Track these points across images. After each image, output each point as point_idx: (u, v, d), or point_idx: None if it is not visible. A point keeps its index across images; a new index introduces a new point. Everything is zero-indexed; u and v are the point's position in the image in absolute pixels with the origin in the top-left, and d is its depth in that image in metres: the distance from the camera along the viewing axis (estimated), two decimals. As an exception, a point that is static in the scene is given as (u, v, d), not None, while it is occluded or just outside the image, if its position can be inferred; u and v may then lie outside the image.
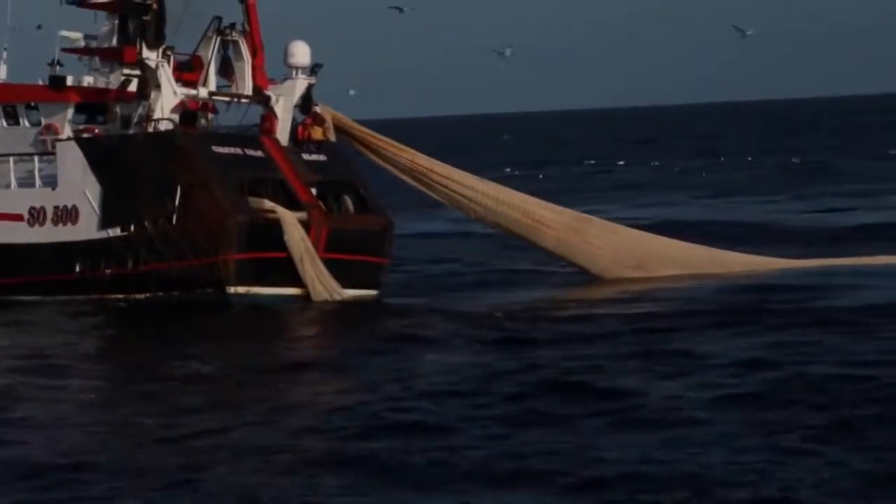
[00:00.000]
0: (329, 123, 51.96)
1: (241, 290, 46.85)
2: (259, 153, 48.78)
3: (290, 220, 47.01)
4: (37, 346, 41.12)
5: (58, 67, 51.53)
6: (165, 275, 47.12)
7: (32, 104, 50.67)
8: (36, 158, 49.56)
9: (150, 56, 48.21)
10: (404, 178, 53.99)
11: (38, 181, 49.32)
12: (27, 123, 50.53)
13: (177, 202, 46.72)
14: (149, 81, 48.31)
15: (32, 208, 48.94)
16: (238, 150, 48.20)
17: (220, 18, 50.20)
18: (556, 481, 23.16)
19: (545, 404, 29.43)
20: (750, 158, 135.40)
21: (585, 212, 58.35)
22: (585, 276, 52.79)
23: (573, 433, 26.74)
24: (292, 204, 47.98)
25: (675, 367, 33.14)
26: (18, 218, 49.23)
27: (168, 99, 48.50)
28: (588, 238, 52.94)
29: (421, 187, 54.00)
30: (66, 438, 28.19)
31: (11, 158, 49.77)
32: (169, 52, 48.87)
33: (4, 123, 50.84)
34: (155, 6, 48.46)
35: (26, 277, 48.72)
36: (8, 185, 49.81)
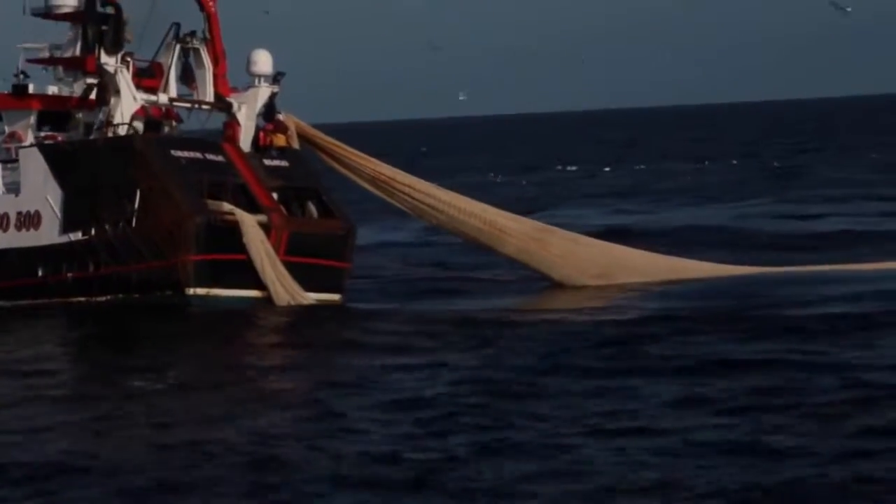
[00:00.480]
0: (292, 131, 52.75)
1: (201, 291, 47.35)
2: (219, 158, 49.48)
3: (250, 223, 47.63)
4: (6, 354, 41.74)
5: (22, 77, 52.56)
6: (126, 277, 47.70)
7: (-8, 113, 51.73)
8: (0, 166, 50.54)
9: (109, 62, 49.00)
10: (367, 186, 54.81)
11: (1, 188, 50.20)
12: (-10, 132, 51.59)
13: (136, 205, 47.27)
14: (108, 87, 49.13)
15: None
16: (198, 155, 48.85)
17: (178, 25, 51.06)
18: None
19: (499, 408, 30.10)
20: (735, 162, 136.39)
21: (567, 218, 59.34)
22: (546, 284, 53.82)
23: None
24: (252, 207, 48.61)
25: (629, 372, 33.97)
26: None
27: (128, 104, 49.18)
28: (549, 247, 53.74)
29: (384, 196, 54.77)
30: (49, 443, 28.57)
31: (-24, 166, 50.76)
32: (128, 59, 49.62)
33: (-38, 133, 51.88)
34: (113, 13, 49.37)
35: None
36: None
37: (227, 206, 47.82)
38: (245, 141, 51.46)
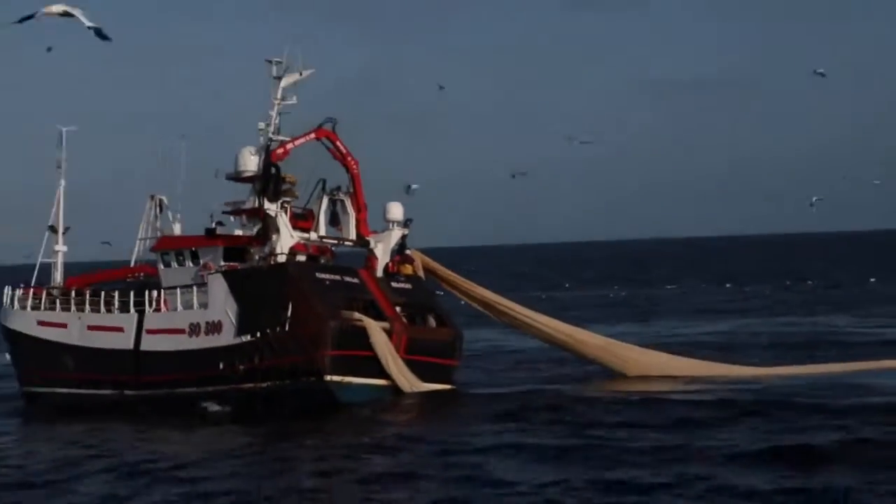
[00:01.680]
0: (417, 263, 67.48)
1: (336, 378, 60.48)
2: (355, 280, 63.91)
3: (374, 327, 61.47)
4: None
5: (217, 226, 68.40)
6: (281, 368, 61.03)
7: (193, 249, 67.55)
8: (195, 288, 65.94)
9: (271, 208, 64.68)
10: (477, 306, 69.62)
11: (195, 304, 65.69)
12: (190, 264, 67.51)
13: (289, 314, 60.91)
14: (270, 227, 64.73)
15: (191, 324, 64.90)
16: (337, 278, 63.35)
17: (324, 181, 66.57)
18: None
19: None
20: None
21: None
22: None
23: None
24: (379, 317, 62.89)
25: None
26: (181, 331, 65.18)
27: (285, 240, 64.41)
28: (615, 352, 68.36)
29: (489, 313, 69.52)
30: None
31: (178, 289, 66.48)
32: (286, 205, 65.20)
33: (175, 264, 67.90)
34: (274, 172, 65.01)
35: (184, 374, 64.47)
36: (175, 309, 66.37)
37: (356, 315, 62.07)
38: (379, 269, 66.32)
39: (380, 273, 65.97)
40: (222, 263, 65.67)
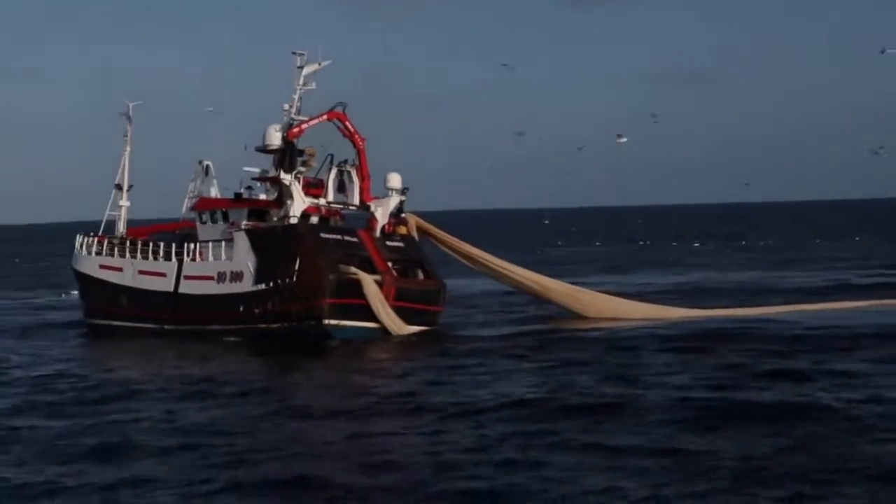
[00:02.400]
0: (411, 224, 79.62)
1: (334, 322, 72.10)
2: (354, 239, 75.98)
3: (367, 279, 73.23)
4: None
5: (247, 190, 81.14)
6: (289, 313, 72.98)
7: (224, 210, 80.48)
8: (223, 243, 78.77)
9: (287, 178, 77.23)
10: (463, 260, 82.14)
11: (223, 256, 78.45)
12: (221, 222, 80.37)
13: (296, 267, 73.09)
14: (285, 194, 77.35)
15: (219, 272, 77.56)
16: (338, 237, 75.55)
17: (332, 155, 79.01)
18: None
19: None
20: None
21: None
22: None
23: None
24: (372, 271, 74.95)
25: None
26: (211, 278, 78.02)
27: (298, 205, 76.87)
28: (576, 297, 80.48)
29: (472, 265, 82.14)
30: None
31: (210, 243, 79.37)
32: (299, 175, 77.68)
33: (209, 222, 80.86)
34: (288, 147, 77.54)
35: (213, 315, 77.43)
36: (207, 260, 79.07)
37: (352, 269, 74.28)
38: (377, 230, 78.76)
39: (378, 233, 78.28)
40: (246, 222, 78.38)
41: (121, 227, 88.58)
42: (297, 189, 77.01)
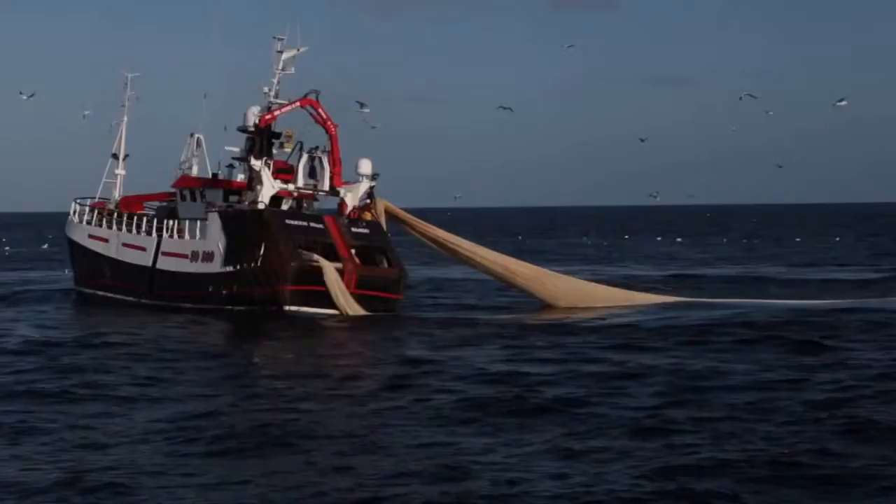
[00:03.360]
0: (378, 210, 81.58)
1: (294, 308, 74.84)
2: (319, 226, 78.03)
3: (327, 267, 75.31)
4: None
5: (227, 169, 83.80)
6: (253, 297, 75.81)
7: (202, 189, 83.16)
8: (199, 222, 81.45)
9: (256, 163, 79.54)
10: (432, 245, 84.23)
11: (197, 235, 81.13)
12: (199, 201, 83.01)
13: (261, 252, 75.70)
14: (254, 179, 79.73)
15: (193, 251, 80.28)
16: (303, 223, 77.82)
17: (301, 143, 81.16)
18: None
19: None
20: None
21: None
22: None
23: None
24: (335, 258, 77.45)
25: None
26: (186, 257, 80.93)
27: (267, 189, 79.33)
28: (544, 283, 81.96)
29: (441, 249, 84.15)
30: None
31: (188, 221, 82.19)
32: (269, 161, 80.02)
33: (189, 199, 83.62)
34: (258, 133, 79.88)
35: (185, 293, 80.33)
36: (184, 237, 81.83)
37: (314, 256, 76.54)
38: (346, 215, 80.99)
39: (344, 219, 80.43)
40: (221, 203, 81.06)
41: (116, 195, 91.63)
42: (266, 174, 79.39)
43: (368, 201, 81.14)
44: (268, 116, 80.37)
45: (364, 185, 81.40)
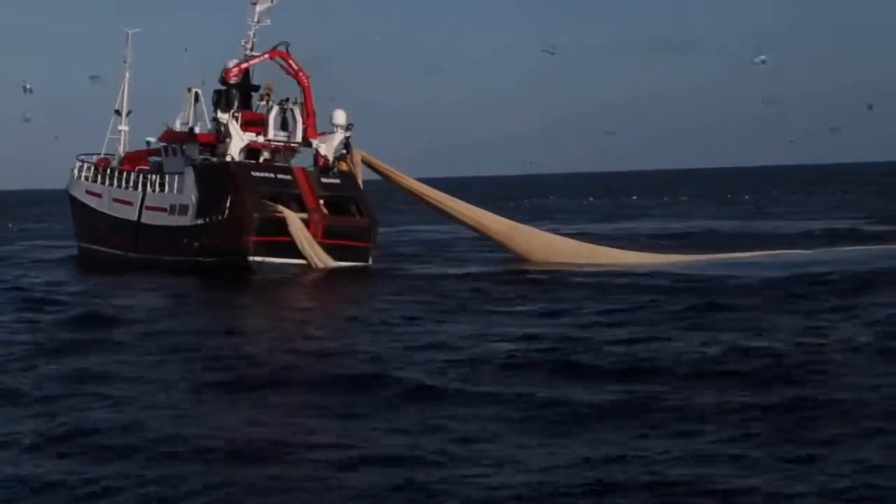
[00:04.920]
0: (353, 161, 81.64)
1: (258, 259, 75.21)
2: (288, 177, 78.40)
3: (292, 217, 75.69)
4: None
5: (211, 123, 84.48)
6: (220, 248, 76.38)
7: (181, 144, 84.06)
8: (177, 176, 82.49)
9: (223, 117, 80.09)
10: (407, 195, 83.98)
11: (175, 189, 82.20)
12: (179, 155, 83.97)
13: (227, 204, 76.38)
14: (222, 132, 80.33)
15: (171, 204, 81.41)
16: (270, 175, 78.34)
17: (269, 93, 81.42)
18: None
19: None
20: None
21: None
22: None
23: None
24: (301, 208, 77.78)
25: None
26: (165, 210, 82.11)
27: (235, 143, 79.83)
28: (515, 238, 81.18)
29: (419, 200, 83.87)
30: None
31: (168, 175, 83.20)
32: (236, 114, 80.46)
33: (172, 154, 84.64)
34: (226, 88, 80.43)
35: (164, 246, 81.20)
36: (165, 191, 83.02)
37: (278, 207, 76.90)
38: (319, 166, 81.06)
39: (315, 169, 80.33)
40: (198, 157, 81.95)
41: (120, 151, 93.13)
42: (234, 127, 79.90)
43: (345, 152, 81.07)
44: (235, 70, 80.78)
45: (339, 136, 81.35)
